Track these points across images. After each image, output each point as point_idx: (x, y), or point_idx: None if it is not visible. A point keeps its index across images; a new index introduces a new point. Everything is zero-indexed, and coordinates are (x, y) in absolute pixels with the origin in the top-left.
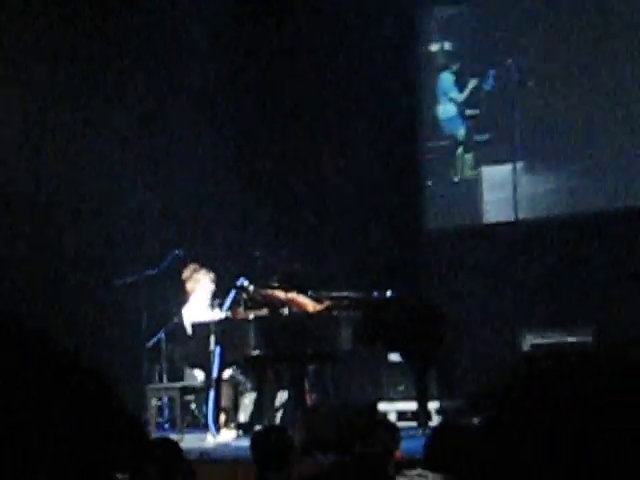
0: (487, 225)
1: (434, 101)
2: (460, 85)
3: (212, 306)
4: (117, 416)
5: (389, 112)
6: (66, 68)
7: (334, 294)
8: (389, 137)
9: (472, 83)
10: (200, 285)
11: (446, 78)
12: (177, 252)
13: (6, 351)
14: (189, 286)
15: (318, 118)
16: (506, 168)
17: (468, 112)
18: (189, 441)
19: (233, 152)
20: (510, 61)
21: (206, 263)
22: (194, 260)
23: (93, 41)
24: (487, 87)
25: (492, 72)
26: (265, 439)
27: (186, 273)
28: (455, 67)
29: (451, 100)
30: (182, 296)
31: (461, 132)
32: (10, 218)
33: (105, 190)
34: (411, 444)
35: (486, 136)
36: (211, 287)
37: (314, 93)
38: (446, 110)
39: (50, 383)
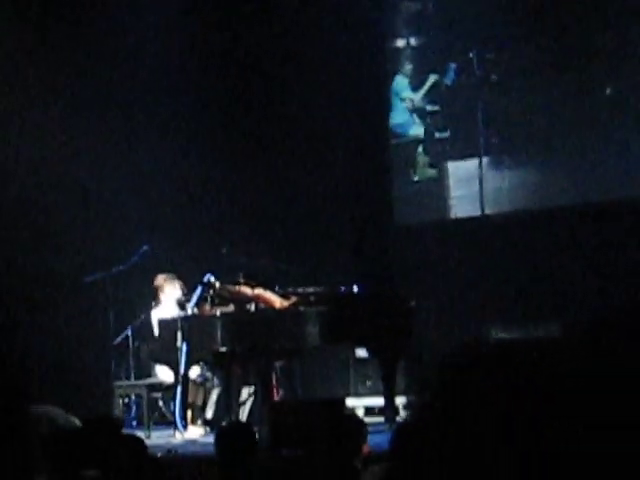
0: (454, 220)
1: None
2: (415, 85)
3: (180, 304)
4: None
5: (358, 108)
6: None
7: (300, 290)
8: (359, 134)
9: (432, 79)
10: (170, 294)
11: (400, 81)
12: (145, 248)
13: None
14: (160, 295)
15: (288, 115)
16: (472, 163)
17: (428, 108)
18: (156, 438)
19: (202, 146)
20: (472, 55)
21: (174, 263)
22: (165, 269)
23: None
24: (448, 81)
25: (453, 66)
26: (229, 435)
27: (157, 282)
28: (409, 68)
29: (405, 101)
30: (154, 301)
31: (418, 132)
32: None
33: (76, 187)
34: (379, 439)
35: (446, 133)
36: (179, 294)
37: (284, 89)
38: (398, 113)
39: None
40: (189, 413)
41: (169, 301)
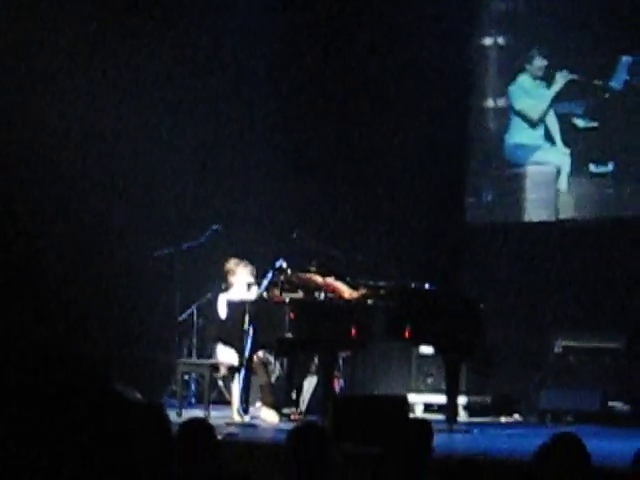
0: (527, 223)
1: (483, 93)
2: (546, 82)
3: (248, 286)
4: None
5: (439, 103)
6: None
7: (371, 282)
8: (437, 129)
9: (560, 79)
10: (240, 277)
11: (521, 85)
12: (215, 227)
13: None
14: (231, 278)
15: (369, 105)
16: (550, 168)
17: (580, 124)
18: (215, 418)
19: (278, 132)
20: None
21: (245, 245)
22: (234, 250)
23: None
24: (616, 85)
25: (626, 60)
26: (303, 436)
27: (228, 266)
28: (536, 66)
29: (536, 98)
30: (224, 284)
31: (555, 159)
32: (56, 192)
33: (149, 166)
34: (438, 439)
35: (607, 167)
36: (250, 280)
37: (369, 80)
38: (519, 130)
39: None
40: (260, 394)
41: (239, 285)
